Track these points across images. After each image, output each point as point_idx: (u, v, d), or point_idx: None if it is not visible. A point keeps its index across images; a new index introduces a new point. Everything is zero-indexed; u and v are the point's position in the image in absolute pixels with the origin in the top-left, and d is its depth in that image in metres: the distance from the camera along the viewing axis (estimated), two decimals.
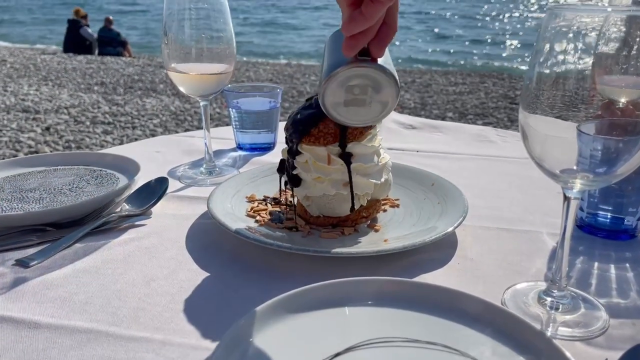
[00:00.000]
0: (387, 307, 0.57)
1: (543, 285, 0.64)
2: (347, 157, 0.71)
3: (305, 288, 0.57)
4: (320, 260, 0.68)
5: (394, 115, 1.38)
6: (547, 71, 0.52)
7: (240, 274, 0.67)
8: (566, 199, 0.57)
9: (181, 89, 0.94)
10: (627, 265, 0.69)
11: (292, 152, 0.73)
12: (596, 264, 0.70)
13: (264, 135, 1.14)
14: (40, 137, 4.32)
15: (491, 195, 0.91)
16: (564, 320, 0.58)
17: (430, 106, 5.81)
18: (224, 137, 1.23)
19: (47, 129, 4.58)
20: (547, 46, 0.51)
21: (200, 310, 0.60)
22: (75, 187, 0.90)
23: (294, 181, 0.74)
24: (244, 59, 10.12)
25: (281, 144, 1.14)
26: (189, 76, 0.91)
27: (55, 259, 0.70)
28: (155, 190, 0.87)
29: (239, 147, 1.16)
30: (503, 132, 1.26)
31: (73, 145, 4.12)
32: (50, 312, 0.59)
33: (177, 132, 4.54)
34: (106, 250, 0.73)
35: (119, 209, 0.83)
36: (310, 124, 0.70)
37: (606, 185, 0.56)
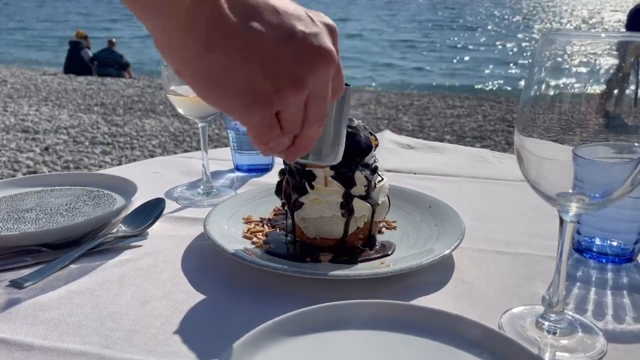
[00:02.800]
0: (384, 331, 0.56)
1: (540, 309, 0.64)
2: (346, 179, 0.71)
3: (301, 311, 0.56)
4: (316, 282, 0.68)
5: (392, 136, 1.39)
6: (542, 95, 0.53)
7: (236, 296, 0.67)
8: (562, 222, 0.57)
9: (180, 110, 0.94)
10: (624, 292, 0.69)
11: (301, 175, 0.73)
12: (593, 288, 0.70)
13: (261, 156, 1.14)
14: (39, 157, 4.33)
15: (488, 218, 0.91)
16: (562, 345, 0.58)
17: (428, 129, 5.84)
18: (222, 158, 1.23)
19: (46, 149, 4.58)
20: (542, 71, 0.52)
21: (195, 333, 0.59)
22: (72, 208, 0.89)
23: (295, 205, 0.74)
24: None
25: (279, 165, 1.14)
26: (187, 98, 0.91)
27: (49, 280, 0.70)
28: (152, 211, 0.87)
29: (237, 168, 1.16)
30: (500, 154, 1.27)
31: (72, 166, 4.12)
32: (43, 334, 0.59)
33: (175, 152, 4.55)
34: (101, 272, 0.72)
35: (115, 230, 0.83)
36: None
37: (602, 209, 0.56)
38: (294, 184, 0.73)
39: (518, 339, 0.58)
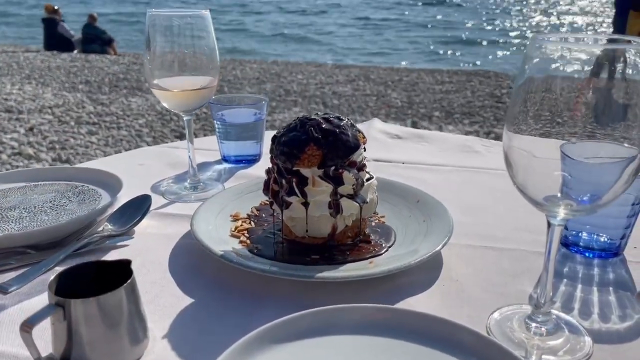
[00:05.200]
0: (372, 336, 0.56)
1: (528, 308, 0.64)
2: (334, 179, 0.71)
3: (288, 318, 0.56)
4: (305, 283, 0.67)
5: (380, 125, 1.38)
6: (532, 95, 0.52)
7: (224, 299, 0.66)
8: (550, 225, 0.57)
9: (165, 104, 0.93)
10: (610, 288, 0.70)
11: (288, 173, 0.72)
12: (580, 285, 0.70)
13: (249, 147, 1.13)
14: (24, 138, 4.27)
15: (476, 212, 0.91)
16: (549, 347, 0.58)
17: (417, 105, 5.82)
18: (209, 148, 1.22)
19: (31, 129, 4.52)
20: (531, 70, 0.51)
21: (183, 339, 0.59)
22: (57, 205, 0.88)
23: (283, 205, 0.73)
24: (230, 57, 10.05)
25: (267, 155, 1.14)
26: (172, 93, 0.89)
27: (34, 284, 0.69)
28: (138, 208, 0.86)
29: (224, 159, 1.15)
30: (488, 142, 1.27)
31: (57, 147, 4.07)
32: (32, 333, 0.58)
33: (162, 132, 4.51)
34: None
35: (100, 229, 0.82)
36: (300, 147, 0.70)
37: (590, 215, 0.56)
38: (282, 184, 0.73)
39: (506, 341, 0.59)
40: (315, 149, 0.70)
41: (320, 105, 5.76)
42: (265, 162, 1.05)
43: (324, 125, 0.71)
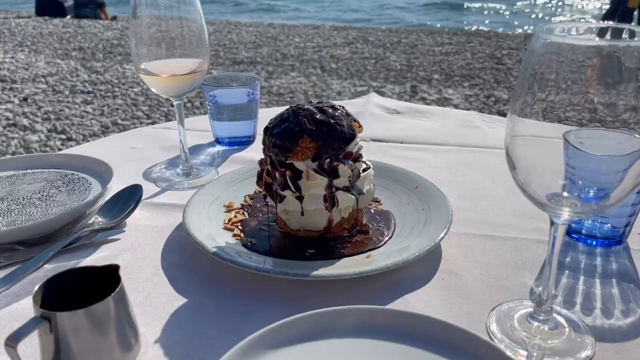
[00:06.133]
0: (368, 339, 0.55)
1: (528, 304, 0.63)
2: (329, 172, 0.68)
3: (282, 322, 0.55)
4: (299, 280, 0.66)
5: (378, 99, 1.35)
6: (538, 83, 0.49)
7: (217, 298, 0.65)
8: (553, 223, 0.55)
9: (153, 89, 0.89)
10: (613, 280, 0.68)
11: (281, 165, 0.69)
12: (582, 277, 0.69)
13: (243, 128, 1.10)
14: (18, 109, 4.21)
15: (476, 195, 0.89)
16: (550, 347, 0.57)
17: (417, 68, 5.74)
18: (202, 128, 1.19)
19: (25, 99, 4.46)
20: (537, 67, 0.48)
21: (176, 343, 0.58)
22: (46, 196, 0.86)
23: (278, 198, 0.71)
24: (225, 20, 9.85)
25: (261, 137, 1.11)
26: (160, 78, 0.86)
27: (23, 284, 0.67)
28: (129, 199, 0.84)
29: (218, 141, 1.12)
30: (489, 117, 1.23)
31: (52, 117, 4.02)
32: (20, 349, 0.57)
33: (159, 100, 4.45)
34: None
35: (91, 221, 0.80)
36: (293, 140, 0.67)
37: (596, 215, 0.53)
38: (275, 177, 0.70)
39: (506, 341, 0.58)
40: (309, 141, 0.67)
41: (318, 69, 5.67)
42: (260, 144, 1.02)
43: (317, 116, 0.68)
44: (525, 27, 8.89)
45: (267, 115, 1.09)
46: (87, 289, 0.56)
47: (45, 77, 5.12)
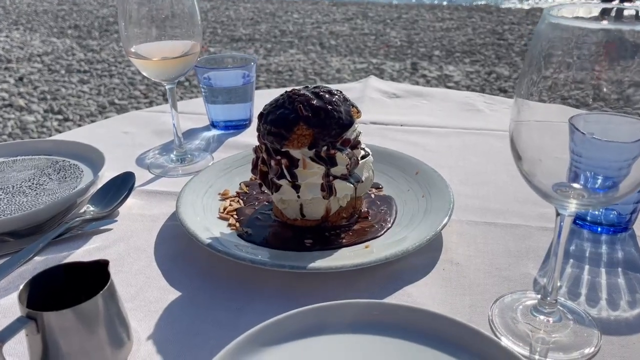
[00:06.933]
0: (368, 334, 0.53)
1: (532, 295, 0.61)
2: (326, 160, 0.66)
3: (278, 318, 0.53)
4: (296, 272, 0.64)
5: (377, 83, 1.31)
6: (543, 66, 0.46)
7: (212, 290, 0.63)
8: (559, 214, 0.53)
9: (144, 73, 0.86)
10: (619, 269, 0.66)
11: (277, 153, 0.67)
12: (587, 266, 0.67)
13: (239, 111, 1.07)
14: (14, 89, 4.16)
15: (478, 181, 0.86)
16: (554, 341, 0.55)
17: (417, 44, 5.65)
18: (197, 111, 1.16)
19: (21, 79, 4.40)
20: (544, 47, 0.45)
21: (169, 340, 0.56)
22: (36, 184, 0.84)
23: (274, 187, 0.68)
24: None
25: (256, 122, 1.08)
26: (151, 62, 0.83)
27: (12, 277, 0.65)
28: (122, 187, 0.81)
29: (213, 124, 1.09)
30: (490, 98, 1.20)
31: (49, 97, 3.97)
32: (10, 347, 0.55)
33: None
34: None
35: (82, 210, 0.78)
36: (288, 127, 0.64)
37: (604, 207, 0.51)
38: (271, 165, 0.68)
39: (509, 335, 0.56)
40: (305, 128, 0.65)
41: (317, 46, 5.59)
42: (255, 128, 0.99)
43: (314, 102, 0.66)
44: (527, 1, 8.78)
45: (263, 97, 1.06)
46: (76, 285, 0.54)
47: (40, 56, 5.05)
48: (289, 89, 0.70)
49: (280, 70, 4.65)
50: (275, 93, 1.31)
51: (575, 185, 0.49)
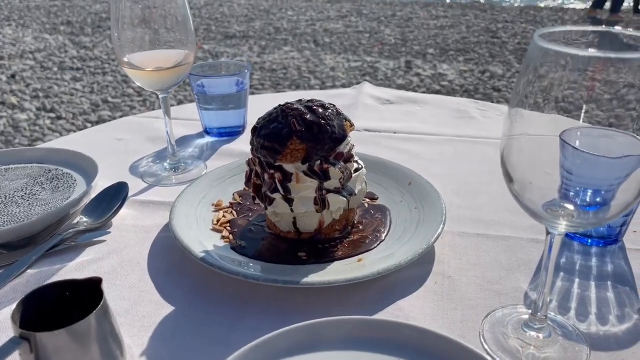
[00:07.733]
0: (360, 351, 0.54)
1: (523, 310, 0.62)
2: (319, 174, 0.66)
3: (272, 335, 0.53)
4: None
5: (371, 89, 1.32)
6: (538, 84, 0.47)
7: (205, 305, 0.63)
8: (549, 233, 0.53)
9: (138, 83, 0.86)
10: (609, 283, 0.67)
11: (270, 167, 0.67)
12: (577, 280, 0.67)
13: (232, 118, 1.07)
14: (6, 86, 4.14)
15: (470, 191, 0.87)
16: (544, 357, 0.56)
17: (411, 42, 5.66)
18: (191, 117, 1.15)
19: (13, 76, 4.38)
20: (537, 67, 0.46)
21: (161, 356, 0.56)
22: (29, 194, 0.83)
23: (267, 200, 0.69)
24: None
25: (252, 125, 1.08)
26: (145, 72, 0.83)
27: (5, 292, 0.65)
28: (115, 197, 0.81)
29: (206, 131, 1.09)
30: (483, 104, 1.21)
31: (41, 94, 3.95)
32: None
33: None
34: (61, 279, 0.68)
35: (75, 221, 0.78)
36: (281, 141, 0.65)
37: (595, 228, 0.52)
38: (264, 179, 0.68)
39: (500, 350, 0.57)
40: (298, 143, 0.65)
41: (311, 44, 5.59)
42: (249, 134, 0.99)
43: (307, 116, 0.66)
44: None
45: (257, 103, 1.06)
46: (69, 303, 0.54)
47: (33, 52, 5.02)
48: (282, 102, 0.70)
49: (274, 69, 4.65)
50: (269, 98, 1.31)
51: (566, 204, 0.50)
